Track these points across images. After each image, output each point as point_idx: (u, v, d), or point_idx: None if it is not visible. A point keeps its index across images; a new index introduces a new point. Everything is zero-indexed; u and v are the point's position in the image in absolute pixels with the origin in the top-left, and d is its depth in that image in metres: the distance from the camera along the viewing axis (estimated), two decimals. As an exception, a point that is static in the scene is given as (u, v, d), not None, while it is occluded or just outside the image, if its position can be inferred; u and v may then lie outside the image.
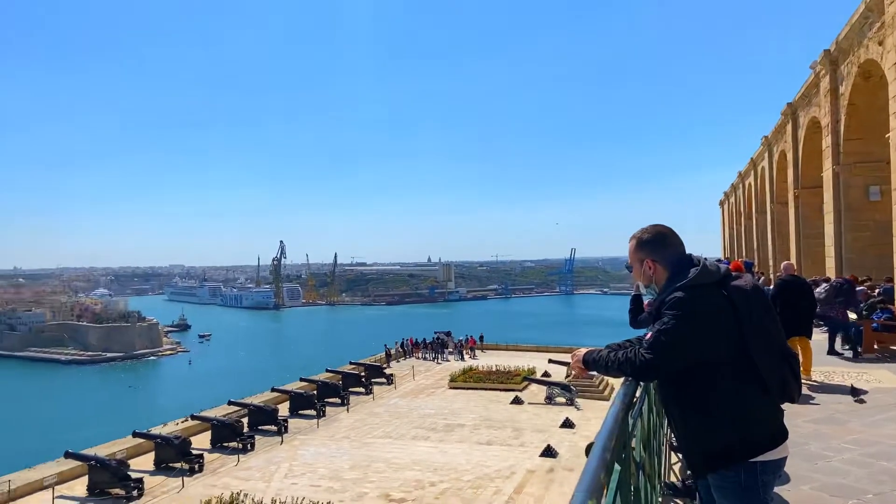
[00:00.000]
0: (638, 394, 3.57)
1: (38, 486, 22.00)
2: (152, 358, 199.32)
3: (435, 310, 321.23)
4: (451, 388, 37.14)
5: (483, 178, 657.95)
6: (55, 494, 21.09)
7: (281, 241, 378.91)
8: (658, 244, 3.30)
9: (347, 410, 32.29)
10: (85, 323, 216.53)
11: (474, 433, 27.12)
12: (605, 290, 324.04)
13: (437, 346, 49.22)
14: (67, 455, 23.47)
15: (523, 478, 21.06)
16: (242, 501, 18.45)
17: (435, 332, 51.74)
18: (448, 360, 47.69)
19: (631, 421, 3.22)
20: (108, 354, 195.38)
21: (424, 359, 48.91)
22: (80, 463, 22.83)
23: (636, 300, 5.30)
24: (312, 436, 27.87)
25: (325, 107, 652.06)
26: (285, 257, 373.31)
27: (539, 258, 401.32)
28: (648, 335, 3.08)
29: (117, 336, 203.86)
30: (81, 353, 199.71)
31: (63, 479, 22.69)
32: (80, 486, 21.96)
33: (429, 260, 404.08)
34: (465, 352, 49.32)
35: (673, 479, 5.96)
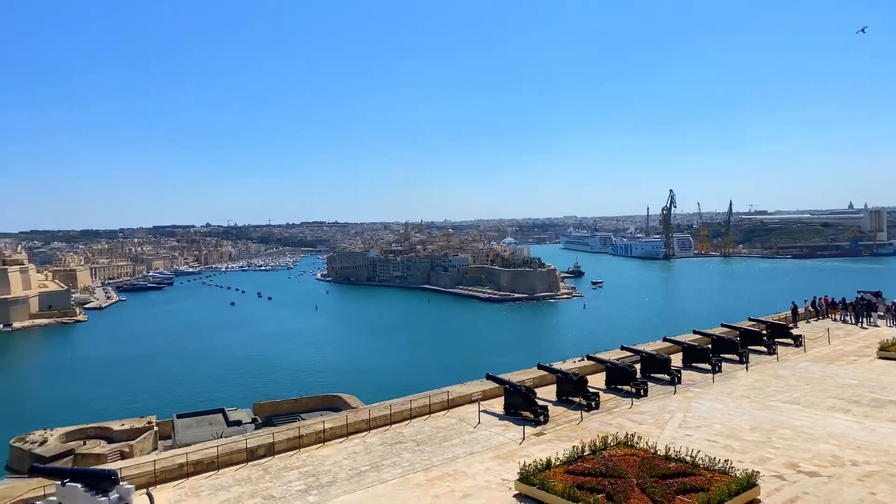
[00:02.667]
0: None
1: (468, 399, 26.64)
2: (551, 300, 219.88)
3: (858, 265, 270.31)
4: (880, 357, 31.05)
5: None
6: (480, 409, 25.24)
7: (671, 190, 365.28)
8: None
9: (746, 369, 30.01)
10: (497, 267, 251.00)
11: (915, 414, 22.23)
12: None
13: (861, 309, 41.47)
14: (488, 377, 27.71)
15: None
16: (636, 443, 19.00)
17: (858, 292, 43.62)
18: (877, 326, 39.83)
19: None
20: (515, 295, 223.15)
21: (844, 321, 41.84)
22: (497, 385, 26.72)
23: None
24: (707, 390, 26.82)
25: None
26: (675, 206, 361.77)
27: None
28: None
29: (522, 279, 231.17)
30: (495, 292, 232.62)
31: (486, 396, 26.95)
32: (497, 405, 25.75)
33: (850, 206, 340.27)
34: (901, 317, 40.43)
35: None
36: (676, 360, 31.01)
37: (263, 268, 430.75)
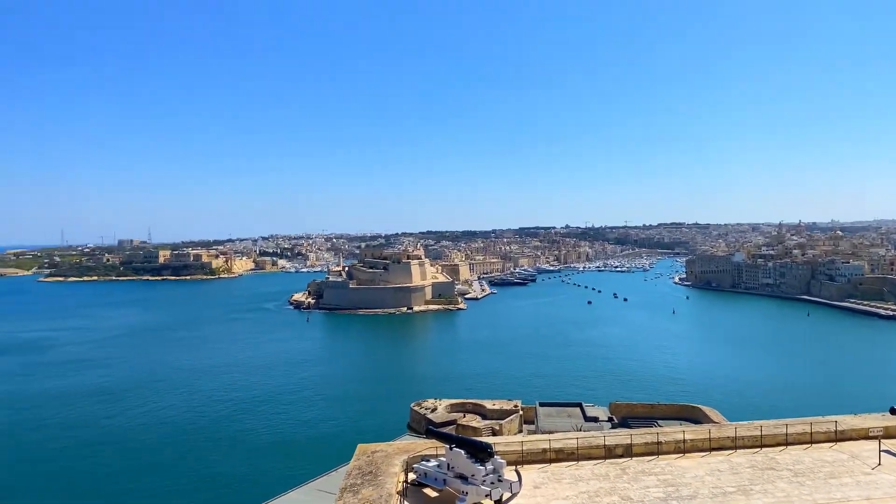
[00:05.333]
0: None
1: (863, 434, 22.34)
2: None
3: None
4: None
5: None
6: (882, 447, 20.90)
7: None
8: None
9: None
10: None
11: None
12: None
13: None
14: (893, 411, 22.77)
15: None
16: None
17: None
18: None
19: None
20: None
21: None
22: (907, 422, 21.77)
23: None
24: None
25: None
26: None
27: None
28: None
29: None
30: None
31: (889, 433, 22.21)
32: (908, 447, 20.99)
33: None
34: None
35: None
36: None
37: (619, 269, 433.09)
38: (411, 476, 22.23)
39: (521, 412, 60.42)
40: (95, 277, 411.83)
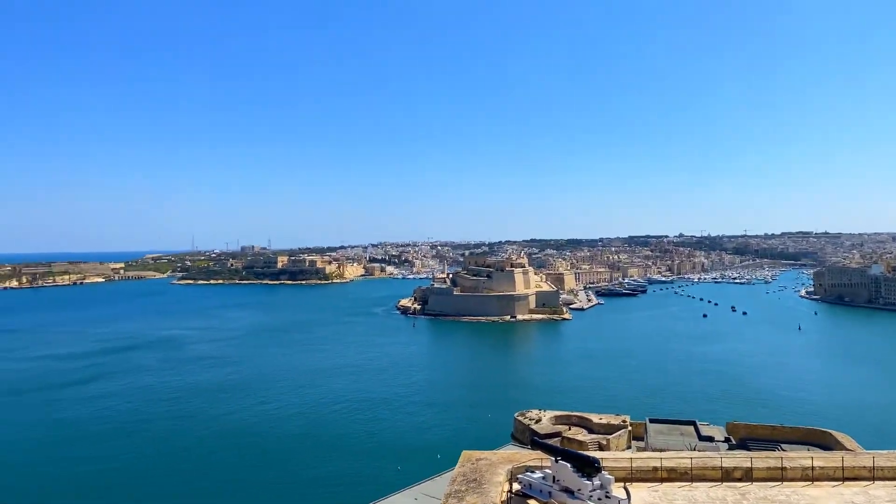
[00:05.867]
0: None
1: None
2: None
3: None
4: None
5: None
6: None
7: None
8: None
9: None
10: None
11: None
12: None
13: None
14: None
15: None
16: None
17: None
18: None
19: None
20: None
21: None
22: None
23: None
24: None
25: None
26: None
27: None
28: None
29: None
30: None
31: None
32: None
33: None
34: None
35: None
36: None
37: (738, 280, 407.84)
38: (515, 486, 22.11)
39: (629, 428, 58.35)
40: (221, 281, 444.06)
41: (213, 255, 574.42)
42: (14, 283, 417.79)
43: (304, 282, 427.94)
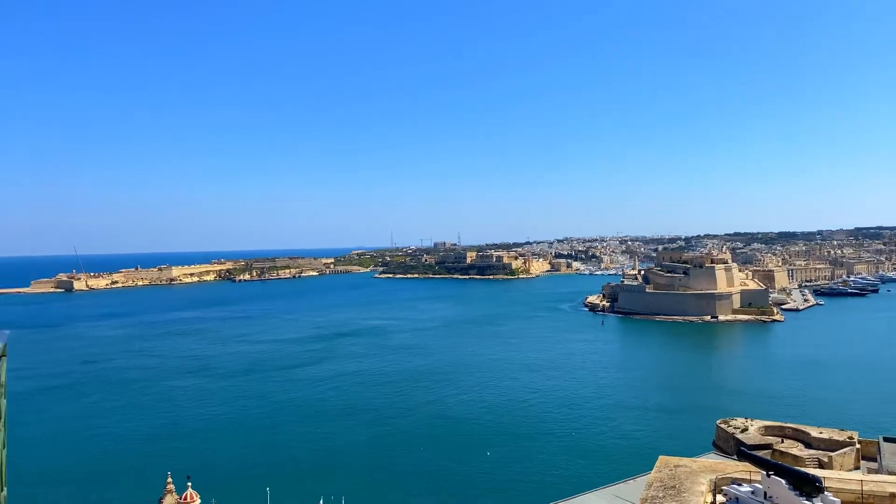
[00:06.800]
0: None
1: None
2: None
3: None
4: None
5: None
6: None
7: None
8: None
9: None
10: None
11: None
12: None
13: None
14: None
15: None
16: None
17: None
18: None
19: None
20: None
21: None
22: None
23: None
24: None
25: None
26: None
27: None
28: None
29: None
30: None
31: None
32: None
33: None
34: None
35: None
36: None
37: None
38: (720, 498, 20.84)
39: (857, 446, 51.45)
40: (416, 275, 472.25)
41: (409, 251, 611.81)
42: (247, 276, 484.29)
43: (491, 276, 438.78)
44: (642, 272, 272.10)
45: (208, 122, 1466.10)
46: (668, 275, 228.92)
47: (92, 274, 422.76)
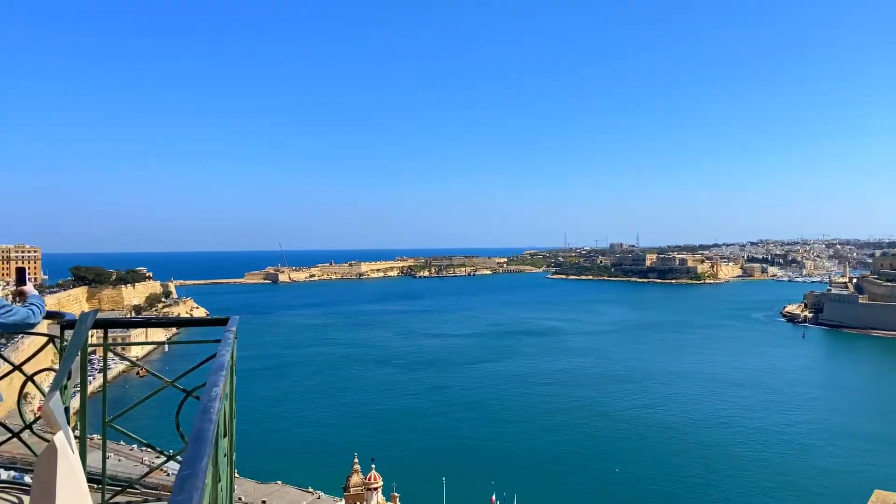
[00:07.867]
0: None
1: None
2: None
3: None
4: None
5: None
6: None
7: None
8: None
9: None
10: None
11: None
12: None
13: None
14: None
15: None
16: None
17: None
18: None
19: None
20: None
21: None
22: None
23: None
24: None
25: None
26: None
27: None
28: None
29: None
30: None
31: None
32: None
33: None
34: None
35: None
36: None
37: None
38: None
39: None
40: (590, 277, 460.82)
41: (583, 252, 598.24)
42: (426, 273, 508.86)
43: (672, 280, 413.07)
44: (854, 280, 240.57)
45: (418, 125, 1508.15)
46: (889, 284, 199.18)
47: (293, 268, 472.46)
